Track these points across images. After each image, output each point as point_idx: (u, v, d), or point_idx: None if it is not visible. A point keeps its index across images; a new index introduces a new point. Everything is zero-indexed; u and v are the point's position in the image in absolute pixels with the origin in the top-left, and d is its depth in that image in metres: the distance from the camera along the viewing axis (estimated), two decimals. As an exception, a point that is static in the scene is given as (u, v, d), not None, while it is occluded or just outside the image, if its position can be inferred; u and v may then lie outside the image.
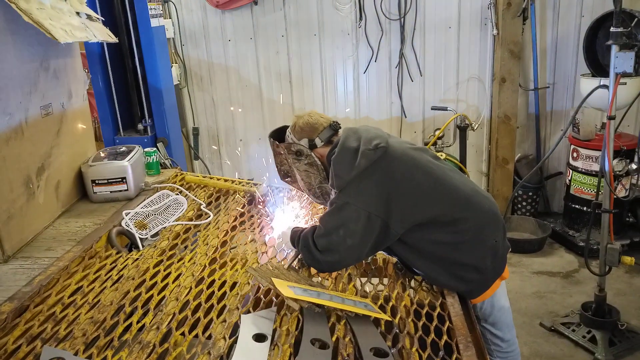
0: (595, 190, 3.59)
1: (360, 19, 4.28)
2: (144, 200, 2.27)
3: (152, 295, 1.58)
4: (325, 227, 1.70)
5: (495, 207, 1.81)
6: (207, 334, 1.39)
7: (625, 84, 3.05)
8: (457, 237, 1.70)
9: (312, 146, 1.83)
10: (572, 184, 4.03)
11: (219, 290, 1.63)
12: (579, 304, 3.13)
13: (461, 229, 1.70)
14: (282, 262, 1.86)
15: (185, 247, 1.98)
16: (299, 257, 1.84)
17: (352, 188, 1.67)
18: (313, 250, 1.72)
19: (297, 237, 1.81)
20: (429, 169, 1.72)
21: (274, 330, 1.40)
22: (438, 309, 1.59)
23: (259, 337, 1.36)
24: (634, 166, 3.54)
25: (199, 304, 1.54)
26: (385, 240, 1.70)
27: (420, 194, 1.68)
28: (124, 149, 2.48)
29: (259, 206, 2.38)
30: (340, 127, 1.88)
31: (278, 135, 1.92)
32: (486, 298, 1.79)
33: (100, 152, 2.48)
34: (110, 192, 2.34)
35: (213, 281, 1.69)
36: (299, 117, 1.87)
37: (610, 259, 2.79)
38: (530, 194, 4.48)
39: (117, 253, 1.88)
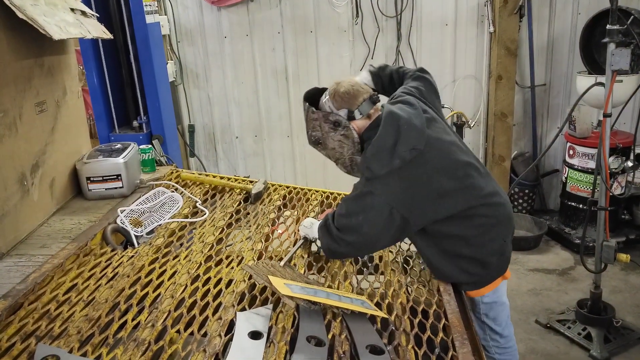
0: (591, 188, 3.60)
1: (357, 16, 4.27)
2: (139, 197, 2.26)
3: (147, 293, 1.58)
4: (347, 209, 1.75)
5: (510, 209, 1.85)
6: (202, 332, 1.39)
7: (621, 81, 3.05)
8: (470, 232, 1.74)
9: (351, 118, 1.75)
10: (568, 181, 4.04)
11: (214, 287, 1.62)
12: (574, 301, 3.14)
13: (476, 224, 1.74)
14: (278, 259, 1.85)
15: (181, 245, 1.97)
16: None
17: (380, 181, 1.67)
18: (331, 227, 1.76)
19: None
20: (458, 169, 1.71)
21: (270, 328, 1.40)
22: (434, 307, 1.59)
23: (255, 335, 1.36)
24: (629, 164, 3.55)
25: (195, 302, 1.54)
26: (404, 234, 1.74)
27: (444, 195, 1.68)
28: (119, 146, 2.47)
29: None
30: (379, 100, 1.80)
31: (312, 99, 1.84)
32: (488, 291, 1.83)
33: (95, 150, 2.46)
34: (105, 189, 2.33)
35: (209, 278, 1.68)
36: (340, 85, 1.78)
37: (605, 256, 2.80)
38: (527, 191, 4.49)
39: (112, 250, 1.87)
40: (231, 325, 1.40)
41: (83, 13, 2.31)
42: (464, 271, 1.75)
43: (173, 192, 2.35)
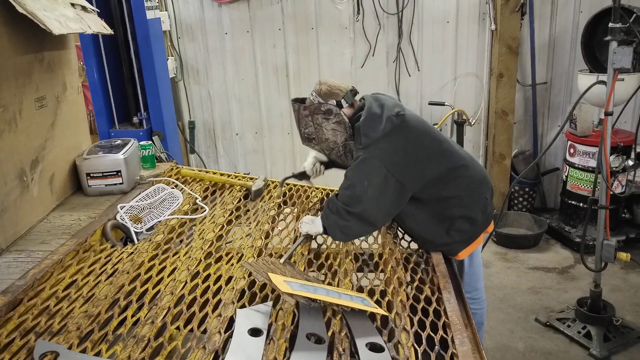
0: (591, 187, 3.59)
1: (358, 13, 4.26)
2: (139, 193, 2.26)
3: (147, 289, 1.57)
4: (350, 180, 1.90)
5: (485, 171, 2.16)
6: (202, 328, 1.39)
7: (622, 80, 3.05)
8: (461, 192, 1.98)
9: (339, 106, 1.98)
10: (568, 180, 4.03)
11: (214, 284, 1.62)
12: (574, 300, 3.14)
13: (464, 184, 1.99)
14: (278, 257, 1.85)
15: (181, 241, 1.97)
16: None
17: (376, 147, 1.86)
18: (336, 205, 1.91)
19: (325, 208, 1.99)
20: (435, 134, 1.99)
21: (270, 325, 1.40)
22: (434, 304, 1.58)
23: (255, 332, 1.36)
24: (630, 162, 3.55)
25: (194, 298, 1.54)
26: (402, 199, 1.91)
27: (430, 155, 1.92)
28: (119, 142, 2.46)
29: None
30: (358, 92, 2.06)
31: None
32: (477, 246, 2.11)
33: (95, 146, 2.46)
34: (105, 185, 2.32)
35: (208, 275, 1.68)
36: (322, 84, 2.02)
37: (606, 255, 2.80)
38: (527, 189, 4.49)
39: (112, 247, 1.87)
40: (231, 322, 1.40)
41: (83, 8, 2.30)
42: (456, 230, 1.98)
43: (173, 188, 2.34)
